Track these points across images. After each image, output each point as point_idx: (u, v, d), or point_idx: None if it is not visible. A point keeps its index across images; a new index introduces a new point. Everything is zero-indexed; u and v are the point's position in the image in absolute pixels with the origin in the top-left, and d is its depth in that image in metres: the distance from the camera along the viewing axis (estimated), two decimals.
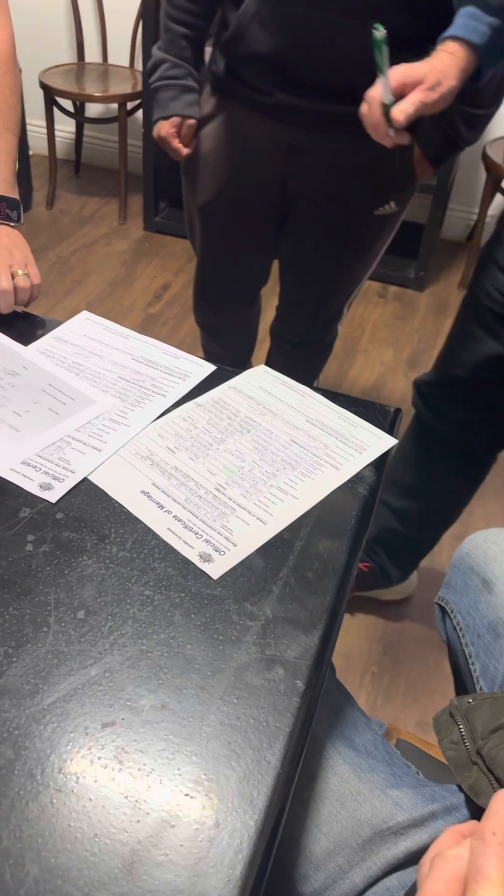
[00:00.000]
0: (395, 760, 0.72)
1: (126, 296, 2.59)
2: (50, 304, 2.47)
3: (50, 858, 0.49)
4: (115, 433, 0.82)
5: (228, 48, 1.22)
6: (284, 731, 0.57)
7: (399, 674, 1.52)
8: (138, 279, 2.69)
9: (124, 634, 0.62)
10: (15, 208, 0.99)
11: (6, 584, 0.65)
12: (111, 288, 2.62)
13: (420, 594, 1.69)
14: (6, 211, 0.98)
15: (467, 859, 0.38)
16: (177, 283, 2.69)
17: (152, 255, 2.83)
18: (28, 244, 1.02)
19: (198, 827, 0.51)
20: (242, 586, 0.67)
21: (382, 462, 0.82)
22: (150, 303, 2.58)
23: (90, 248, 2.83)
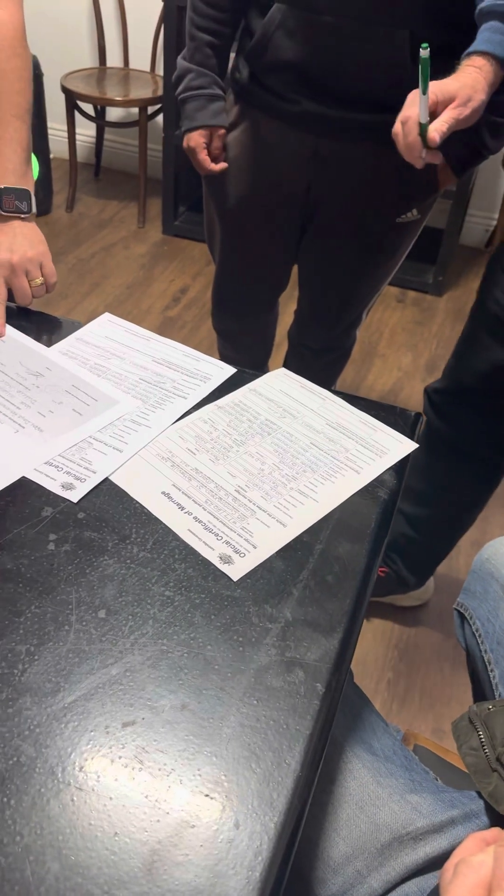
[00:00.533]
0: (413, 766, 0.72)
1: (144, 299, 2.60)
2: (69, 305, 2.48)
3: (70, 856, 0.49)
4: (136, 434, 0.82)
5: (253, 56, 1.22)
6: (304, 734, 0.56)
7: (415, 680, 1.51)
8: (156, 282, 2.70)
9: (145, 634, 0.62)
10: (25, 199, 0.97)
11: (28, 582, 0.65)
12: (129, 291, 2.63)
13: (436, 600, 1.68)
14: (15, 203, 0.96)
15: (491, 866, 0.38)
16: (195, 286, 2.70)
17: (170, 258, 2.84)
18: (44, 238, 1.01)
19: (217, 828, 0.51)
20: (262, 588, 0.67)
21: (403, 466, 0.82)
22: (168, 306, 2.58)
23: (109, 251, 2.84)
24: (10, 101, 0.97)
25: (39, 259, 0.99)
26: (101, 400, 0.86)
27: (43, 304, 1.02)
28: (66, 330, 0.98)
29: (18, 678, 0.58)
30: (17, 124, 0.98)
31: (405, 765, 0.71)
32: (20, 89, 0.98)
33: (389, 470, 0.81)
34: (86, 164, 3.37)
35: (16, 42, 0.98)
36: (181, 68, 1.33)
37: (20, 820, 0.50)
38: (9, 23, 0.98)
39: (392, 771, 0.68)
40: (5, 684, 0.57)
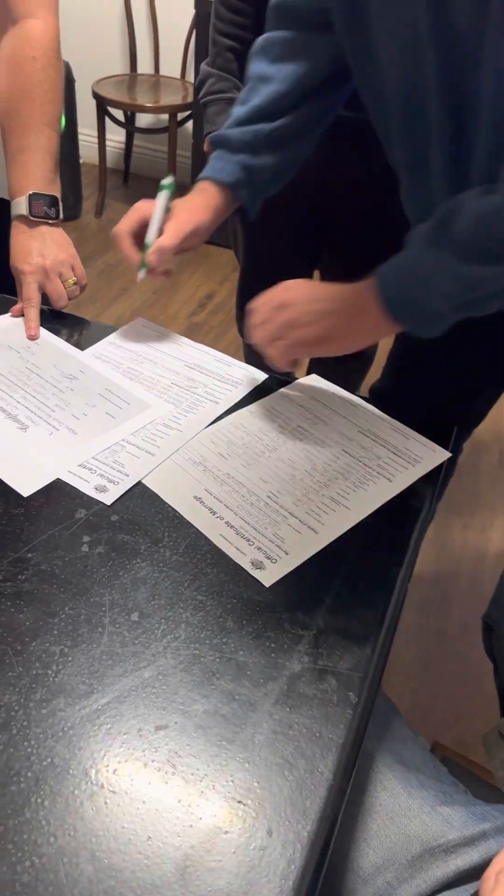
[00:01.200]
0: (443, 777, 0.71)
1: (171, 304, 2.61)
2: (97, 310, 2.50)
3: (104, 859, 0.49)
4: (168, 438, 0.82)
5: None
6: (337, 743, 0.56)
7: (439, 692, 1.50)
8: (183, 288, 2.71)
9: (177, 638, 0.62)
10: (54, 205, 0.99)
11: (63, 583, 0.66)
12: (156, 296, 2.64)
13: (461, 612, 1.67)
14: (44, 209, 0.98)
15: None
16: (221, 292, 2.71)
17: (197, 264, 2.85)
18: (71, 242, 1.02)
19: (250, 835, 0.51)
20: (294, 595, 0.67)
21: (436, 475, 0.82)
22: (195, 311, 2.59)
23: None
24: (42, 109, 0.98)
25: (70, 262, 1.00)
26: (134, 403, 0.87)
27: (72, 308, 1.03)
28: (99, 334, 0.99)
29: (52, 679, 0.58)
30: (48, 132, 0.99)
31: (435, 776, 0.70)
32: (52, 99, 1.00)
33: (422, 479, 0.80)
34: (115, 170, 3.40)
35: (51, 52, 1.00)
36: (203, 73, 1.35)
37: (54, 821, 0.50)
38: (46, 32, 0.99)
39: (423, 782, 0.67)
40: (39, 685, 0.58)
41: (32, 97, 0.97)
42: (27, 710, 0.56)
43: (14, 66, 0.97)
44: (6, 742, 0.54)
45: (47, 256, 0.98)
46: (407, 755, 0.71)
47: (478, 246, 0.68)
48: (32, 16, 0.97)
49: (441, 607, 1.67)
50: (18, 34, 0.97)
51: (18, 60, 0.97)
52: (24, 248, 0.98)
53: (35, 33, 0.97)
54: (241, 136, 0.94)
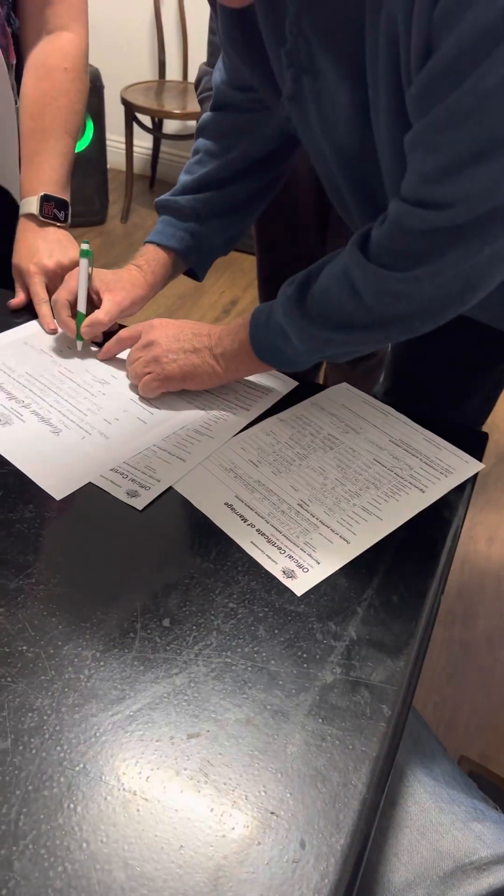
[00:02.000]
0: (473, 793, 0.70)
1: (195, 310, 2.62)
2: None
3: (136, 867, 0.48)
4: (199, 444, 0.82)
5: None
6: (370, 756, 0.56)
7: (462, 703, 1.48)
8: (207, 294, 2.72)
9: (209, 645, 0.62)
10: (63, 209, 1.01)
11: (94, 588, 0.65)
12: (181, 301, 2.65)
13: (485, 623, 1.65)
14: (54, 211, 1.00)
15: None
16: (245, 298, 2.71)
17: (221, 270, 2.86)
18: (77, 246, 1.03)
19: (283, 847, 0.50)
20: (326, 605, 0.67)
21: (469, 487, 0.81)
22: (219, 318, 2.60)
23: None
24: (67, 118, 1.01)
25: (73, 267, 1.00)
26: (165, 409, 0.87)
27: None
28: None
29: (84, 683, 0.58)
30: (67, 140, 1.02)
31: (466, 791, 0.69)
32: (78, 110, 1.03)
33: (455, 490, 0.80)
34: (141, 176, 3.42)
35: (80, 65, 1.03)
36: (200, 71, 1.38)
37: (87, 827, 0.50)
38: (78, 46, 1.03)
39: (454, 797, 0.66)
40: (72, 689, 0.58)
41: (58, 104, 1.00)
42: (59, 714, 0.56)
43: (44, 72, 1.00)
44: (39, 746, 0.54)
45: (53, 257, 0.99)
46: (437, 769, 0.70)
47: (321, 314, 0.76)
48: (67, 29, 1.01)
49: (465, 619, 1.65)
50: (52, 44, 1.01)
51: (49, 68, 1.00)
52: (31, 247, 0.99)
53: (67, 45, 1.01)
54: (189, 204, 0.96)
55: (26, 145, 1.01)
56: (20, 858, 0.48)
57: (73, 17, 1.02)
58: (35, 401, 0.85)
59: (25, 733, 0.54)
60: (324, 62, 0.67)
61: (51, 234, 1.00)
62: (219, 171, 0.96)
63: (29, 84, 1.01)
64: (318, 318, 0.76)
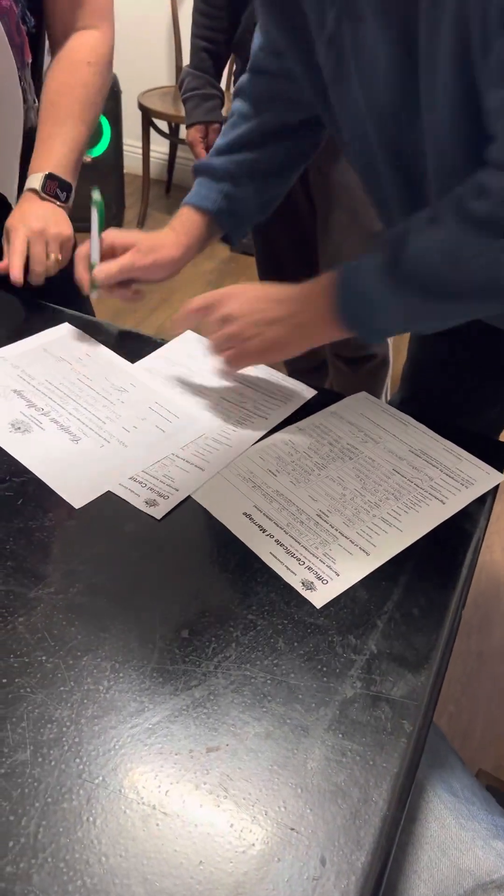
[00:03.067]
0: (493, 808, 0.69)
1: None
2: (137, 319, 2.52)
3: (155, 882, 0.48)
4: (217, 453, 0.82)
5: None
6: (391, 772, 0.55)
7: (477, 714, 1.47)
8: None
9: (228, 658, 0.62)
10: (66, 190, 1.02)
11: (114, 597, 0.65)
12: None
13: (499, 633, 1.64)
14: (56, 189, 1.01)
15: None
16: None
17: (237, 275, 2.86)
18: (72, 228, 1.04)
19: (304, 864, 0.50)
20: (346, 618, 0.66)
21: (489, 498, 0.80)
22: None
23: None
24: (84, 108, 1.04)
25: (61, 240, 1.01)
26: (183, 417, 0.86)
27: (112, 318, 1.04)
28: (149, 346, 0.99)
29: (104, 695, 0.58)
30: (81, 129, 1.04)
31: (486, 807, 0.68)
32: (96, 101, 1.06)
33: (475, 501, 0.79)
34: (157, 181, 3.43)
35: (105, 60, 1.07)
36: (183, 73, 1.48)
37: (106, 841, 0.50)
38: (104, 43, 1.07)
39: (474, 814, 0.65)
40: (91, 701, 0.57)
41: (76, 94, 1.03)
42: (79, 726, 0.56)
43: (68, 65, 1.04)
44: (58, 758, 0.54)
45: (43, 221, 0.99)
46: (456, 784, 0.70)
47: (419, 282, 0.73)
48: (95, 27, 1.05)
49: (482, 629, 1.64)
50: (79, 39, 1.05)
51: (73, 62, 1.04)
52: (25, 212, 1.00)
53: (94, 42, 1.06)
54: (222, 165, 0.95)
55: (42, 129, 1.03)
56: (39, 872, 0.48)
57: (101, 16, 1.06)
58: (54, 408, 0.85)
59: (45, 745, 0.54)
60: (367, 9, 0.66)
61: (48, 207, 1.01)
62: (251, 132, 0.95)
63: (53, 76, 1.04)
64: (419, 290, 0.73)
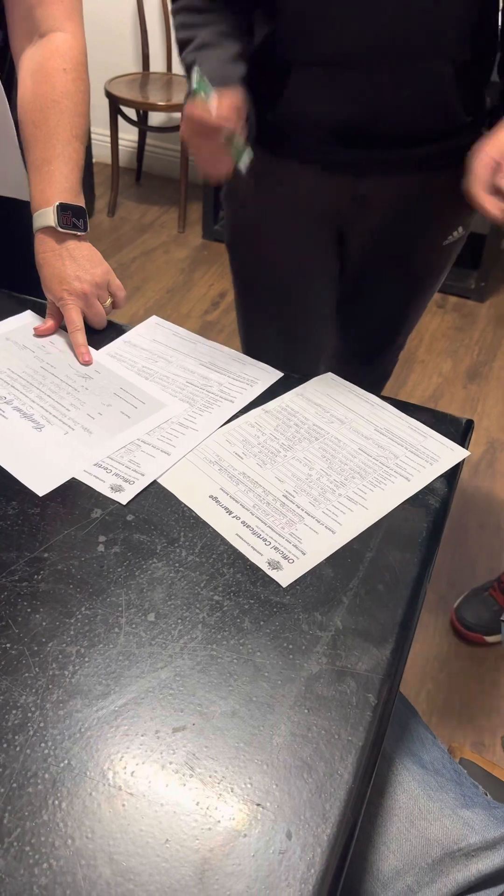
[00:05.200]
0: (462, 780, 0.70)
1: (184, 303, 2.61)
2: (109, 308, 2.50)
3: (122, 861, 0.48)
4: (183, 437, 0.82)
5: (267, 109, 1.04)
6: (357, 745, 0.55)
7: (454, 691, 1.49)
8: (196, 287, 2.71)
9: (194, 639, 0.62)
10: (81, 217, 0.96)
11: (79, 583, 0.65)
12: (169, 295, 2.64)
13: None
14: (72, 220, 0.95)
15: None
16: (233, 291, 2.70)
17: (210, 263, 2.85)
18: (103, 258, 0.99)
19: (269, 838, 0.50)
20: (312, 595, 0.67)
21: (454, 474, 0.81)
22: (208, 310, 2.59)
23: (150, 256, 2.86)
24: (73, 122, 0.96)
25: (105, 279, 0.97)
26: (149, 403, 0.86)
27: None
28: (114, 333, 0.99)
29: (69, 680, 0.58)
30: (76, 145, 0.96)
31: (455, 779, 0.69)
32: (82, 112, 0.97)
33: (440, 478, 0.80)
34: (127, 169, 3.40)
35: (80, 66, 0.97)
36: None
37: (71, 823, 0.50)
38: (74, 46, 0.97)
39: (442, 784, 0.66)
40: (56, 686, 0.57)
41: (61, 108, 0.94)
42: (44, 711, 0.56)
43: (42, 76, 0.94)
44: (23, 743, 0.54)
45: (84, 280, 0.94)
46: (426, 757, 0.70)
47: None
48: (60, 29, 0.95)
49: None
50: (47, 46, 0.95)
51: (48, 71, 0.94)
52: (58, 274, 0.94)
53: (64, 46, 0.95)
54: None
55: (32, 154, 0.95)
56: (5, 856, 0.48)
57: (65, 16, 0.96)
58: (17, 397, 0.84)
59: (9, 731, 0.54)
60: None
61: (75, 252, 0.95)
62: None
63: (27, 90, 0.95)
64: None
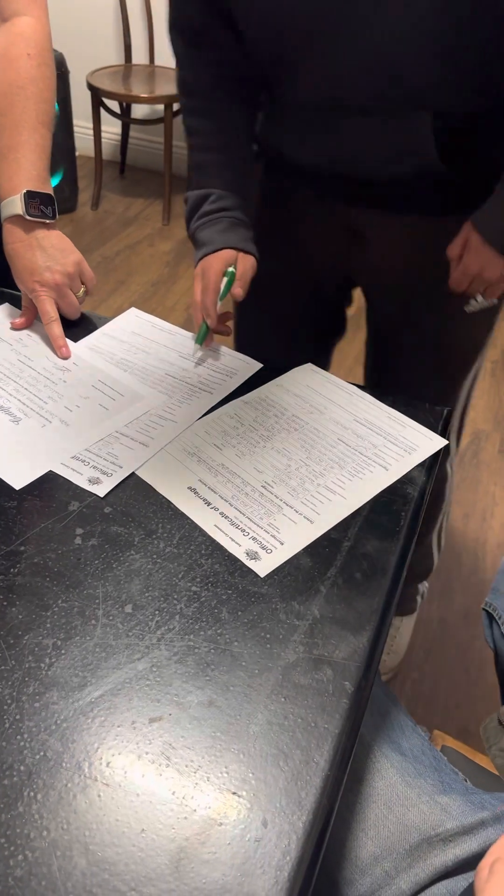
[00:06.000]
0: (442, 766, 0.71)
1: (169, 296, 2.60)
2: (94, 303, 2.49)
3: (97, 852, 0.48)
4: (162, 429, 0.82)
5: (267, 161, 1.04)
6: (333, 733, 0.56)
7: (440, 681, 1.49)
8: (181, 279, 2.70)
9: (171, 630, 0.62)
10: (49, 204, 0.94)
11: (56, 576, 0.65)
12: (154, 288, 2.63)
13: (462, 600, 1.66)
14: (40, 208, 0.93)
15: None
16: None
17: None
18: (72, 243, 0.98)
19: (245, 826, 0.50)
20: (290, 585, 0.67)
21: (432, 463, 0.81)
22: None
23: (134, 249, 2.85)
24: (38, 108, 0.94)
25: (77, 268, 0.96)
26: (127, 395, 0.86)
27: None
28: (92, 325, 0.98)
29: (45, 672, 0.58)
30: (43, 131, 0.95)
31: (434, 765, 0.69)
32: (48, 98, 0.96)
33: (418, 467, 0.80)
34: (111, 162, 3.38)
35: (45, 50, 0.95)
36: None
37: (47, 815, 0.50)
38: (38, 30, 0.95)
39: (421, 771, 0.67)
40: (32, 678, 0.57)
41: (27, 94, 0.93)
42: (20, 703, 0.56)
43: (6, 63, 0.93)
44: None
45: (55, 270, 0.93)
46: (405, 744, 0.71)
47: None
48: (23, 13, 0.94)
49: (442, 596, 1.66)
50: (10, 31, 0.94)
51: (12, 57, 0.93)
52: (28, 264, 0.93)
53: (28, 31, 0.94)
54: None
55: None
56: None
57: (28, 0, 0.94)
58: None
59: None
60: None
61: (44, 241, 0.93)
62: None
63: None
64: None
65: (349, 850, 0.62)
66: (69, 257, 0.95)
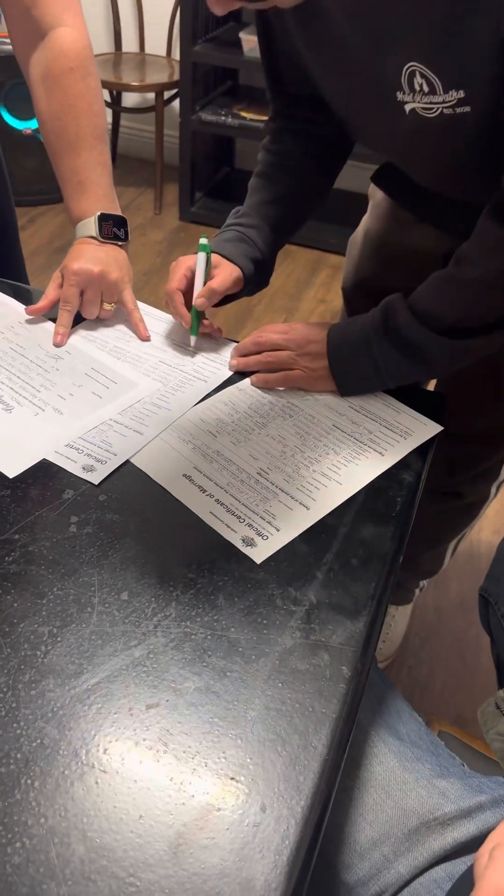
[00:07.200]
0: (440, 751, 0.71)
1: (161, 285, 2.58)
2: None
3: (95, 839, 0.48)
4: (156, 417, 0.81)
5: None
6: (331, 717, 0.56)
7: (437, 667, 1.50)
8: None
9: (168, 616, 0.62)
10: (122, 226, 0.94)
11: (51, 564, 0.65)
12: (146, 278, 2.62)
13: (458, 586, 1.67)
14: (113, 230, 0.93)
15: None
16: None
17: (187, 245, 2.83)
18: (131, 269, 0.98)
19: (243, 811, 0.50)
20: (286, 571, 0.67)
21: (427, 448, 0.81)
22: None
23: None
24: (91, 123, 0.92)
25: (120, 284, 0.94)
26: (121, 383, 0.85)
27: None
28: None
29: (41, 660, 0.57)
30: (100, 147, 0.93)
31: (432, 750, 0.70)
32: (98, 111, 0.94)
33: (414, 452, 0.80)
34: None
35: (87, 60, 0.93)
36: None
37: (44, 802, 0.50)
38: (78, 40, 0.92)
39: (419, 756, 0.67)
40: (28, 666, 0.57)
41: (77, 112, 0.91)
42: (16, 691, 0.55)
43: (52, 81, 0.91)
44: None
45: (102, 266, 0.91)
46: (402, 729, 0.71)
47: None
48: (61, 24, 0.91)
49: (438, 584, 1.67)
50: (51, 47, 0.91)
51: (56, 75, 0.91)
52: (81, 252, 0.92)
53: (67, 43, 0.91)
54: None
55: (60, 166, 0.93)
56: None
57: (63, 8, 0.91)
58: None
59: None
60: None
61: (110, 251, 0.94)
62: None
63: (41, 100, 0.92)
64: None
65: (348, 835, 0.62)
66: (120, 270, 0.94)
